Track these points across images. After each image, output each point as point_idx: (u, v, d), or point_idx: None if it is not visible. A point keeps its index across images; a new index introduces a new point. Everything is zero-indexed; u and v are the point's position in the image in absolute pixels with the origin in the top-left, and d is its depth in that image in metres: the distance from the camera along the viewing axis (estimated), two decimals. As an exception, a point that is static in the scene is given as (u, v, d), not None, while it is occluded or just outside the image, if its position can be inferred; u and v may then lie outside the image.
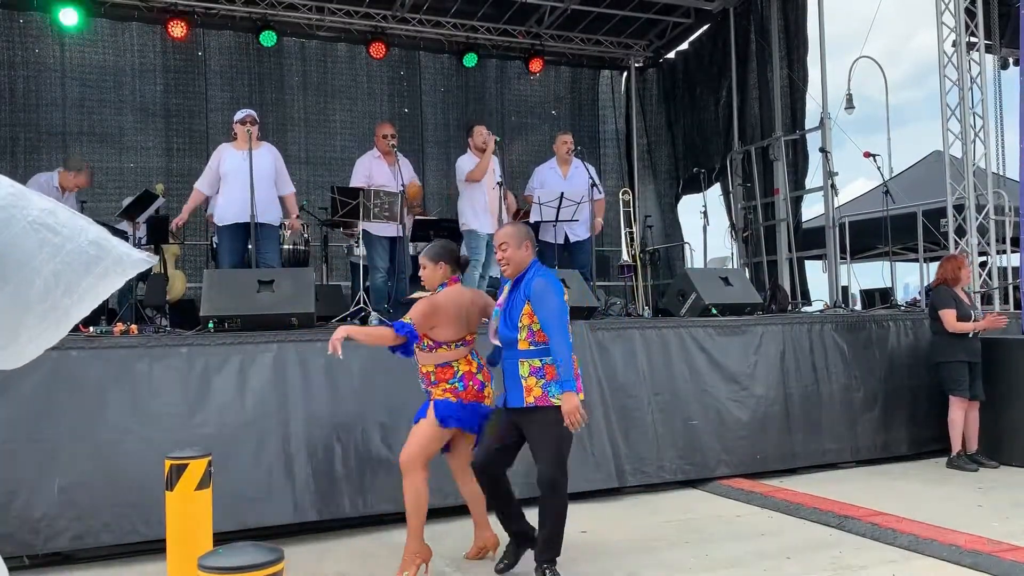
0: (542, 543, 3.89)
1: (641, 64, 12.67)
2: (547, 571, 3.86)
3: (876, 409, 6.83)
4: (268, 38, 10.25)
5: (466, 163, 7.16)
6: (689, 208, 12.87)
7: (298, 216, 7.14)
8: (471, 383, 4.15)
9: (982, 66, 8.51)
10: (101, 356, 4.66)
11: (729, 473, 6.11)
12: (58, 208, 1.63)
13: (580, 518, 5.21)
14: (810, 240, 10.66)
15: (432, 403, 4.14)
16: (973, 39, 8.42)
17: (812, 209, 11.32)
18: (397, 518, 5.21)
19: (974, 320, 6.49)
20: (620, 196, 9.66)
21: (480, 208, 7.11)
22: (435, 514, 5.24)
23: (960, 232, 8.26)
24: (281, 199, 6.83)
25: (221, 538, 3.68)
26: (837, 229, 9.81)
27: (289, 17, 10.42)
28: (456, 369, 4.15)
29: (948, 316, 6.44)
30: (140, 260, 1.68)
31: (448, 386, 4.14)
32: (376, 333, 4.14)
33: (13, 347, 1.61)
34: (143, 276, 7.09)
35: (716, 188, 11.49)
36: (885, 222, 8.77)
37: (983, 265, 8.28)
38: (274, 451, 4.89)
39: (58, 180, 7.72)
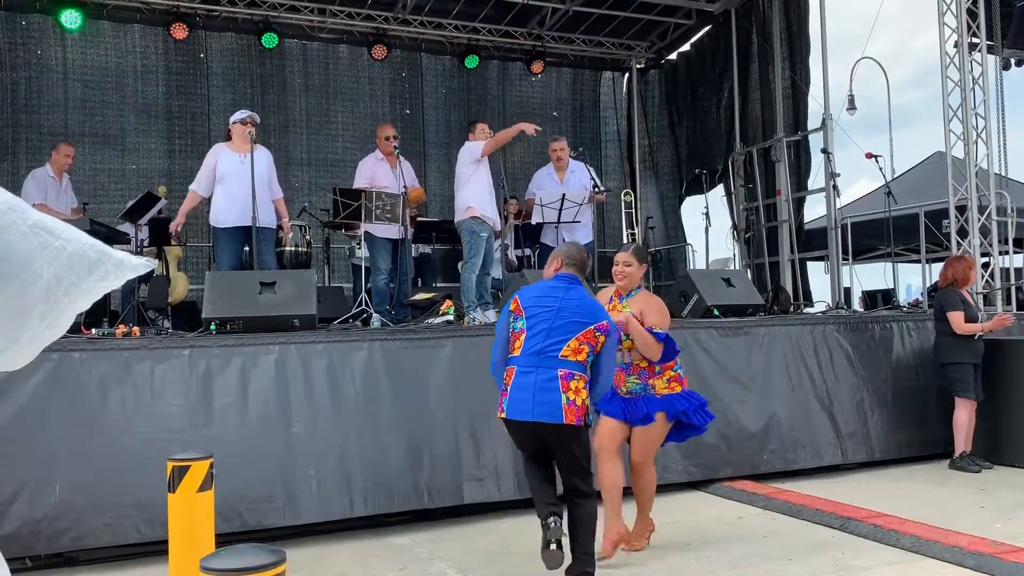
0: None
1: (643, 65, 12.68)
2: None
3: (882, 410, 6.80)
4: (270, 39, 10.26)
5: (474, 145, 6.89)
6: (691, 209, 12.89)
7: (288, 219, 7.05)
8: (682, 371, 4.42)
9: (984, 67, 8.50)
10: (103, 358, 4.66)
11: (736, 474, 6.10)
12: (55, 218, 1.65)
13: (582, 520, 5.21)
14: (812, 241, 10.65)
15: (663, 399, 4.30)
16: (975, 40, 8.41)
17: (814, 210, 11.31)
18: (398, 519, 5.22)
19: (980, 322, 6.47)
20: (622, 197, 9.66)
21: (488, 195, 6.86)
22: (437, 514, 5.25)
23: (962, 233, 8.24)
24: (272, 203, 6.77)
25: (223, 540, 3.68)
26: (839, 230, 9.80)
27: (291, 19, 10.43)
28: (676, 360, 4.38)
29: (956, 318, 6.42)
30: (140, 264, 1.69)
31: (672, 374, 4.35)
32: (647, 340, 4.23)
33: (14, 349, 1.62)
34: (145, 278, 7.10)
35: (719, 189, 11.50)
36: (887, 223, 8.76)
37: (985, 266, 8.27)
38: (276, 452, 4.89)
39: (51, 170, 7.74)
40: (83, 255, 1.58)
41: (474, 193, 6.83)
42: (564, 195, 7.29)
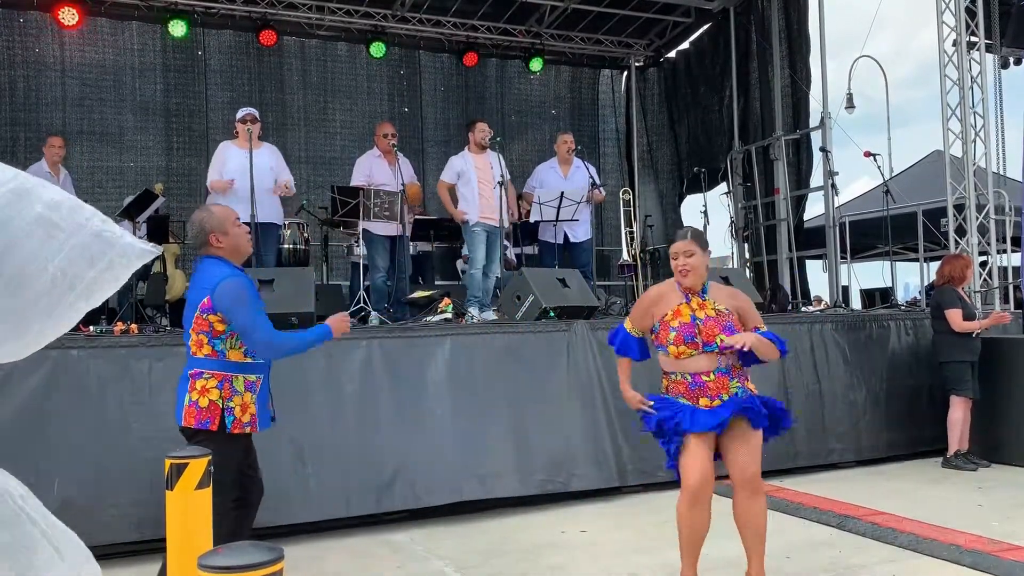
0: None
1: (641, 63, 12.67)
2: None
3: (877, 409, 6.82)
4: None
5: (453, 165, 7.14)
6: (689, 208, 12.88)
7: (291, 186, 6.90)
8: None
9: (982, 66, 8.49)
10: (101, 355, 4.66)
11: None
12: (64, 201, 1.64)
13: (580, 518, 5.22)
14: (811, 239, 10.66)
15: (758, 399, 3.69)
16: (974, 39, 8.41)
17: (813, 208, 11.32)
18: (397, 518, 5.22)
19: (978, 319, 6.48)
20: (620, 195, 9.66)
21: (473, 199, 7.01)
22: (435, 512, 5.25)
23: (960, 232, 8.25)
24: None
25: (221, 537, 3.67)
26: (837, 229, 9.80)
27: (289, 16, 10.41)
28: None
29: (955, 316, 6.42)
30: (144, 251, 1.69)
31: (750, 384, 3.80)
32: (770, 348, 3.61)
33: (21, 340, 1.62)
34: (143, 276, 7.09)
35: (718, 187, 11.49)
36: (885, 222, 8.77)
37: (983, 265, 8.28)
38: (274, 450, 4.87)
39: (46, 166, 7.73)
40: (86, 246, 1.58)
41: (461, 199, 7.09)
42: (563, 192, 7.29)
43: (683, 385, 3.66)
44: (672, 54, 12.50)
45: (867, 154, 8.76)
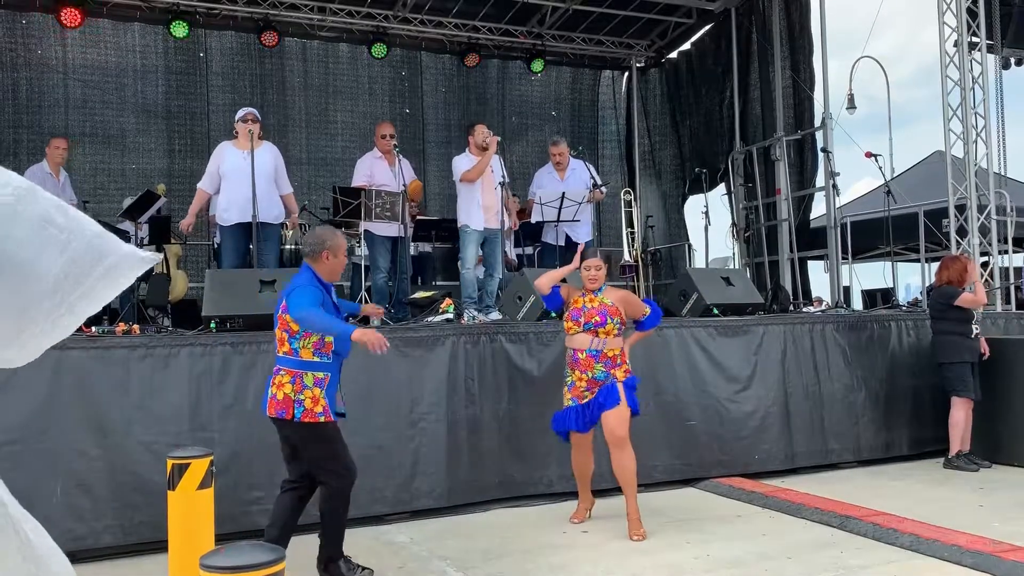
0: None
1: (643, 64, 12.67)
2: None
3: (877, 409, 6.82)
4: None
5: (463, 163, 6.99)
6: (693, 208, 12.89)
7: (298, 215, 7.09)
8: None
9: (984, 66, 8.50)
10: (103, 356, 4.66)
11: (728, 473, 6.11)
12: (65, 205, 1.65)
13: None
14: (812, 240, 10.66)
15: (624, 385, 4.77)
16: (975, 39, 8.41)
17: (814, 209, 11.31)
18: (396, 518, 5.23)
19: (974, 322, 6.49)
20: (622, 196, 9.66)
21: (474, 206, 6.92)
22: (435, 512, 5.26)
23: (962, 232, 8.24)
24: (281, 198, 6.78)
25: (222, 538, 3.68)
26: (839, 229, 9.80)
27: (291, 17, 10.42)
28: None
29: (966, 296, 6.40)
30: (145, 258, 1.70)
31: (627, 366, 4.85)
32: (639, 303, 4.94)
33: (18, 344, 1.63)
34: (145, 276, 7.10)
35: (720, 188, 11.49)
36: (887, 222, 8.76)
37: (985, 265, 8.28)
38: (275, 451, 4.87)
39: (47, 167, 7.74)
40: (89, 246, 1.58)
41: (461, 205, 7.03)
42: (564, 193, 7.30)
43: (569, 357, 4.87)
44: (674, 55, 12.49)
45: (868, 155, 8.76)
